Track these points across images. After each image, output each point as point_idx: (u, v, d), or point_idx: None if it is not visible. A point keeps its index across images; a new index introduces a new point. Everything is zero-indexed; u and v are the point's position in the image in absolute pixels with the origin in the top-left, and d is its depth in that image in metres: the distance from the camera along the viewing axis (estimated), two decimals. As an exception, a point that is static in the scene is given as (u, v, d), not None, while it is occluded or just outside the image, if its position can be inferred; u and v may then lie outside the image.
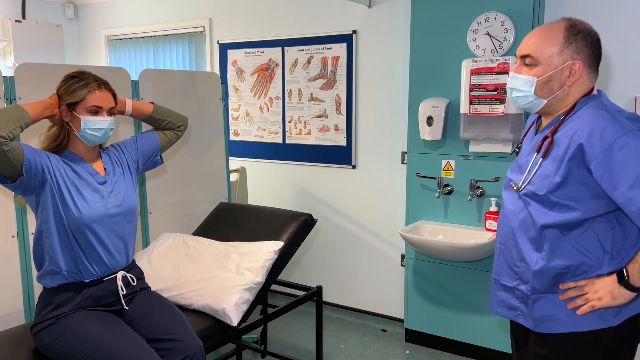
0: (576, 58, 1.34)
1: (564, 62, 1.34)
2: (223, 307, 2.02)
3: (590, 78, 1.38)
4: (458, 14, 2.76)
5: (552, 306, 1.37)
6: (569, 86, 1.36)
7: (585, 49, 1.35)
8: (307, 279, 3.63)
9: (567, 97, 1.38)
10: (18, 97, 2.16)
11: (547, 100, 1.38)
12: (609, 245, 1.34)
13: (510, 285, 1.46)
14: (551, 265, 1.37)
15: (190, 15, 4.05)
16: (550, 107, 1.40)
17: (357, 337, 3.29)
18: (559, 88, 1.36)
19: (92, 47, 4.72)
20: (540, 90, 1.38)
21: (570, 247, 1.34)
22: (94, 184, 1.79)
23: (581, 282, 1.35)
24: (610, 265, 1.34)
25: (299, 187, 3.70)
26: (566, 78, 1.35)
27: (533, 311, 1.40)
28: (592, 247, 1.34)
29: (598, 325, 1.33)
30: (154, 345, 1.71)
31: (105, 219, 1.78)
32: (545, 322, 1.39)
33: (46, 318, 1.72)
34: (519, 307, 1.45)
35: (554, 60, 1.35)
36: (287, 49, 3.61)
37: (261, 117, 3.80)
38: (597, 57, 1.38)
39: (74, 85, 1.75)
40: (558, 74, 1.35)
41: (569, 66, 1.34)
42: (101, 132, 1.77)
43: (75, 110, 1.74)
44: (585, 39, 1.35)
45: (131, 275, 1.88)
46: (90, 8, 4.68)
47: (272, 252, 2.26)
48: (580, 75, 1.35)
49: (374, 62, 3.31)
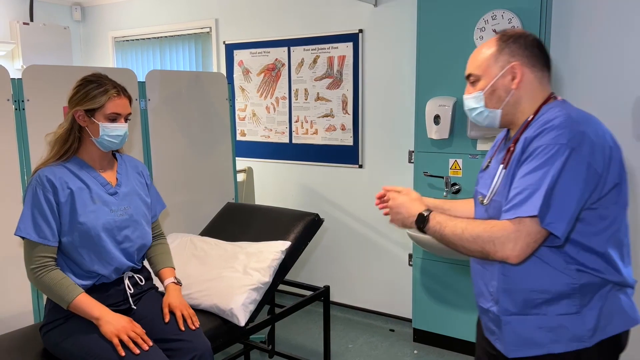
0: (512, 60, 1.33)
1: (502, 68, 1.34)
2: (230, 307, 2.02)
3: (539, 77, 1.35)
4: (465, 11, 2.74)
5: (525, 328, 1.31)
6: (515, 89, 1.34)
7: (520, 50, 1.33)
8: (314, 279, 3.63)
9: (520, 101, 1.35)
10: (26, 99, 2.17)
11: (501, 109, 1.37)
12: (578, 256, 1.27)
13: (485, 307, 1.41)
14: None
15: (197, 16, 4.06)
16: (508, 116, 1.37)
17: (365, 337, 3.29)
18: (506, 94, 1.35)
19: (99, 48, 4.75)
20: (490, 102, 1.37)
21: (539, 262, 1.28)
22: (104, 195, 1.77)
23: (388, 196, 1.44)
24: (577, 278, 1.27)
25: (305, 187, 3.69)
26: (510, 82, 1.34)
27: (504, 334, 1.34)
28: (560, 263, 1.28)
29: (574, 346, 1.27)
30: (162, 345, 1.71)
31: (114, 228, 1.77)
32: (518, 346, 1.32)
33: (55, 318, 1.72)
34: (495, 330, 1.39)
35: (492, 70, 1.35)
36: (293, 48, 3.61)
37: (268, 117, 3.80)
38: (538, 56, 1.35)
39: (93, 90, 1.72)
40: (500, 81, 1.35)
41: (509, 70, 1.33)
42: (119, 138, 1.77)
43: (94, 116, 1.72)
44: (518, 42, 1.34)
45: (139, 276, 1.89)
46: (97, 10, 4.70)
47: (279, 252, 2.25)
48: (523, 76, 1.33)
49: (380, 61, 3.30)
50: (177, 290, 1.91)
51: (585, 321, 1.27)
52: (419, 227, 1.37)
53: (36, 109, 2.20)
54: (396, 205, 1.43)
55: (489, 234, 1.23)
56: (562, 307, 1.27)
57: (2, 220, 2.07)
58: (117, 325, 1.64)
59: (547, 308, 1.28)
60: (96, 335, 1.65)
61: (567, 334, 1.27)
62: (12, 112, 2.14)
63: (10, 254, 2.10)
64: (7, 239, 2.03)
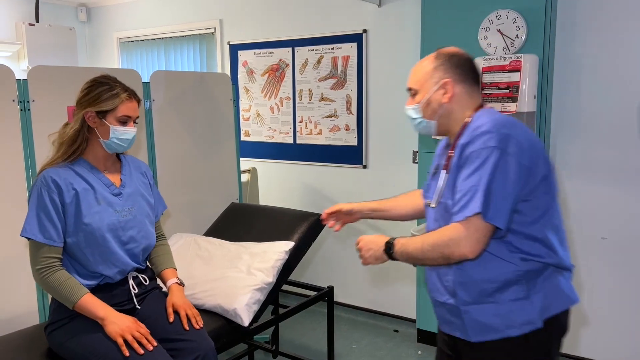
0: (445, 77, 1.49)
1: (436, 84, 1.50)
2: (234, 307, 2.03)
3: (469, 91, 1.51)
4: (469, 11, 2.74)
5: (482, 316, 1.44)
6: (446, 102, 1.50)
7: (452, 68, 1.50)
8: (318, 279, 3.63)
9: (453, 112, 1.50)
10: (32, 100, 2.18)
11: (435, 120, 1.53)
12: (521, 245, 1.41)
13: (441, 300, 1.54)
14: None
15: (201, 17, 4.07)
16: (443, 126, 1.53)
17: (369, 337, 3.28)
18: (439, 107, 1.51)
19: (104, 49, 4.77)
20: (426, 113, 1.53)
21: (488, 254, 1.41)
22: (108, 196, 1.78)
23: (358, 240, 1.57)
24: (522, 265, 1.40)
25: (310, 187, 3.70)
26: (442, 96, 1.50)
27: (465, 322, 1.47)
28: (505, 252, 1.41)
29: (526, 329, 1.40)
30: (166, 345, 1.72)
31: (119, 229, 1.78)
32: (477, 331, 1.45)
33: (59, 318, 1.73)
34: (453, 321, 1.51)
35: (427, 85, 1.51)
36: (297, 49, 3.61)
37: (272, 118, 3.81)
38: (469, 72, 1.52)
39: (105, 92, 1.72)
40: (434, 95, 1.50)
41: (442, 85, 1.49)
42: (127, 142, 1.78)
43: (105, 118, 1.72)
44: (451, 60, 1.51)
45: (143, 276, 1.89)
46: (102, 11, 4.72)
47: (282, 252, 2.26)
48: (454, 91, 1.49)
49: (384, 61, 3.29)
50: (180, 290, 1.91)
51: (533, 305, 1.40)
52: (389, 254, 1.51)
53: (41, 109, 2.21)
54: (366, 243, 1.57)
55: (443, 239, 1.38)
56: (512, 294, 1.41)
57: (8, 220, 2.08)
58: (122, 325, 1.64)
59: (499, 296, 1.42)
60: (101, 335, 1.65)
61: (519, 319, 1.40)
62: (18, 113, 2.15)
63: (17, 253, 2.11)
64: (13, 238, 2.04)
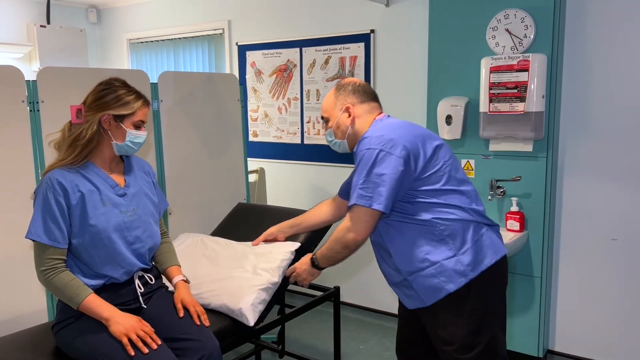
0: (347, 103, 1.83)
1: (340, 110, 1.84)
2: (240, 307, 2.03)
3: (367, 109, 1.84)
4: (477, 11, 2.72)
5: (425, 280, 1.68)
6: (351, 124, 1.83)
7: (351, 94, 1.83)
8: (325, 280, 3.62)
9: (357, 130, 1.82)
10: (41, 100, 2.21)
11: (346, 139, 1.86)
12: (433, 212, 1.69)
13: (396, 280, 1.79)
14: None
15: (210, 18, 4.09)
16: (352, 142, 1.84)
17: (376, 338, 3.27)
18: (346, 128, 1.84)
19: (114, 50, 4.81)
20: (337, 135, 1.87)
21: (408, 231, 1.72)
22: (113, 197, 1.78)
23: (288, 273, 2.08)
24: (442, 229, 1.68)
25: (317, 187, 3.70)
26: (347, 119, 1.83)
27: (416, 290, 1.71)
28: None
29: (462, 282, 1.64)
30: (170, 344, 1.72)
31: (125, 229, 1.79)
32: (429, 295, 1.68)
33: (66, 317, 1.74)
34: (410, 294, 1.75)
35: (334, 112, 1.86)
36: (305, 49, 3.61)
37: (280, 118, 3.81)
38: (366, 94, 1.85)
39: (125, 96, 1.74)
40: (340, 118, 1.84)
41: (345, 110, 1.83)
42: (139, 145, 1.81)
43: (122, 122, 1.74)
44: (347, 89, 1.84)
45: (149, 275, 1.90)
46: (112, 12, 4.76)
47: (288, 252, 2.26)
48: (355, 113, 1.82)
49: (392, 61, 3.29)
50: (187, 287, 1.93)
51: (462, 260, 1.65)
52: (316, 267, 1.91)
53: (51, 110, 2.23)
54: (299, 267, 2.00)
55: (338, 233, 1.74)
56: (441, 255, 1.66)
57: (18, 221, 2.10)
58: (126, 324, 1.65)
59: (431, 258, 1.67)
60: (106, 334, 1.66)
61: (453, 274, 1.65)
62: (27, 114, 2.17)
63: (27, 253, 2.13)
64: (23, 239, 2.06)
